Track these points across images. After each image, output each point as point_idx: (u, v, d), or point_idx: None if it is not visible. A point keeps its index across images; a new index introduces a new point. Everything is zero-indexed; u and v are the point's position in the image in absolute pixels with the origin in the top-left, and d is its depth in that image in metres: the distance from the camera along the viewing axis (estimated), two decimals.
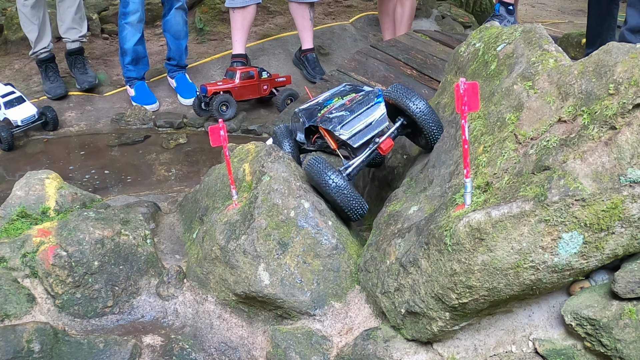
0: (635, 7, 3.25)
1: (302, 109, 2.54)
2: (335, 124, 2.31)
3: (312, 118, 2.45)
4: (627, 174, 1.63)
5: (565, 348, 1.82)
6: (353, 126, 2.29)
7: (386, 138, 2.32)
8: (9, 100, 4.15)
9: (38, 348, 2.02)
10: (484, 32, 2.30)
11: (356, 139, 2.30)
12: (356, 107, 2.33)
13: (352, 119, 2.30)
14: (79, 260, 2.23)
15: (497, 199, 1.78)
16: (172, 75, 4.76)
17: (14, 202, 2.43)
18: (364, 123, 2.30)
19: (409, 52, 4.31)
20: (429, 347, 1.98)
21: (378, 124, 2.31)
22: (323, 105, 2.47)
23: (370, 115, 2.30)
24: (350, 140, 2.29)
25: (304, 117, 2.49)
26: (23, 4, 4.43)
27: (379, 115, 2.30)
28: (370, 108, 2.32)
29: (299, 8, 4.78)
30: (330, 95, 2.53)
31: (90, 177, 3.67)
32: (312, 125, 2.44)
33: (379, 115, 2.30)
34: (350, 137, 2.29)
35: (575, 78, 1.83)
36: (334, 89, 2.61)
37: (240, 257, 2.18)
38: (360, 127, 2.29)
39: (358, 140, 2.30)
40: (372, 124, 2.29)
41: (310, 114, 2.48)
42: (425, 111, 2.27)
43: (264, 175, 2.34)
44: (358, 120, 2.30)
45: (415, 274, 1.89)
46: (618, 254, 1.70)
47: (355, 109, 2.33)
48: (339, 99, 2.44)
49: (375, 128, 2.30)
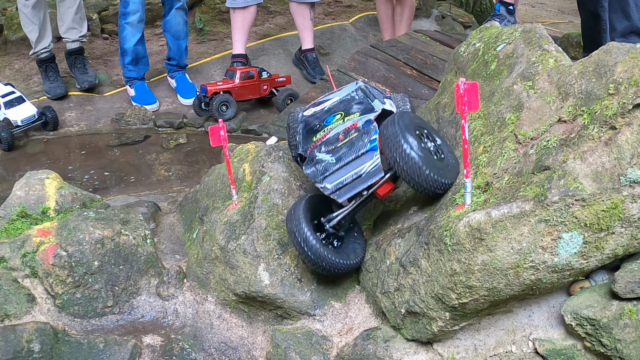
0: (617, 12, 3.28)
1: (305, 117, 2.25)
2: (317, 174, 1.96)
3: (307, 140, 2.15)
4: (627, 174, 1.63)
5: (565, 348, 1.82)
6: (338, 179, 1.93)
7: (384, 181, 1.92)
8: (9, 100, 4.15)
9: (38, 348, 2.02)
10: (484, 32, 2.30)
11: (341, 194, 1.92)
12: (344, 153, 1.95)
13: (338, 170, 1.94)
14: (79, 260, 2.23)
15: (497, 199, 1.78)
16: (172, 75, 4.76)
17: (14, 202, 2.43)
18: (352, 175, 1.92)
19: (409, 52, 4.30)
20: (429, 347, 1.98)
21: (369, 177, 1.90)
22: (323, 124, 2.16)
23: (360, 166, 1.90)
24: (335, 195, 1.93)
25: (301, 133, 2.20)
26: (24, 4, 4.43)
27: (371, 167, 1.89)
28: (360, 157, 1.92)
29: (299, 8, 4.78)
30: (337, 105, 2.22)
31: (90, 177, 3.66)
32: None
33: (371, 166, 1.89)
34: (334, 192, 1.93)
35: (575, 78, 1.83)
36: (345, 90, 2.29)
37: (240, 257, 2.18)
38: (348, 180, 1.92)
39: (344, 195, 1.93)
40: (362, 176, 1.90)
41: (308, 130, 2.19)
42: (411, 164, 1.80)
43: (264, 175, 2.34)
44: (345, 172, 1.93)
45: (415, 274, 1.89)
46: (618, 254, 1.70)
47: (343, 156, 1.94)
48: (340, 120, 2.12)
49: (366, 181, 1.90)
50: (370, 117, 2.06)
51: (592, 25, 3.45)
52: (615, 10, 3.29)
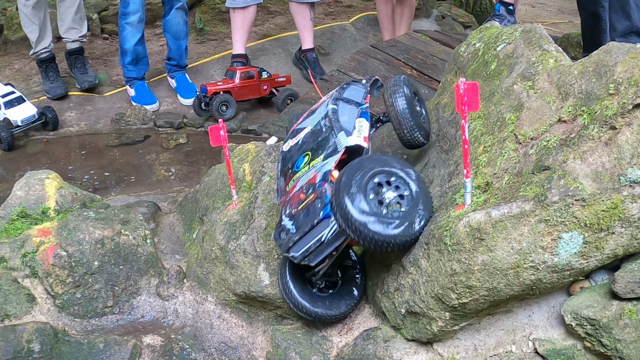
0: (617, 12, 3.28)
1: (283, 152, 2.19)
2: (284, 245, 1.93)
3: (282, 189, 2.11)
4: (627, 174, 1.63)
5: (565, 348, 1.82)
6: (303, 247, 1.89)
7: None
8: (9, 100, 4.15)
9: (38, 348, 2.02)
10: (484, 32, 2.30)
11: (311, 259, 1.90)
12: (303, 222, 1.90)
13: (300, 239, 1.90)
14: (79, 260, 2.23)
15: (497, 199, 1.78)
16: (172, 75, 4.76)
17: (14, 202, 2.43)
18: (315, 242, 1.88)
19: (409, 52, 4.30)
20: (429, 347, 1.98)
21: (332, 242, 1.87)
22: (294, 169, 2.07)
23: (320, 234, 1.87)
24: (305, 261, 1.91)
25: (279, 174, 2.14)
26: (24, 4, 4.43)
27: (330, 233, 1.85)
28: (316, 226, 1.87)
29: (300, 8, 4.78)
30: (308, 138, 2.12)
31: (90, 177, 3.66)
32: None
33: (330, 233, 1.85)
34: (303, 259, 1.90)
35: (575, 78, 1.83)
36: (320, 111, 2.19)
37: (240, 257, 2.18)
38: (312, 247, 1.88)
39: (314, 259, 1.90)
40: (324, 242, 1.87)
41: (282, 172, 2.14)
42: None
43: (264, 175, 2.34)
44: (307, 240, 1.89)
45: (415, 274, 1.89)
46: (618, 254, 1.70)
47: (302, 225, 1.89)
48: (306, 166, 2.03)
49: (331, 245, 1.87)
50: (330, 165, 1.94)
51: (592, 25, 3.45)
52: (616, 10, 3.29)
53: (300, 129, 2.21)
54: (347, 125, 2.05)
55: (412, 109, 2.11)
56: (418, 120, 2.13)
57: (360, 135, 2.02)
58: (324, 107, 2.19)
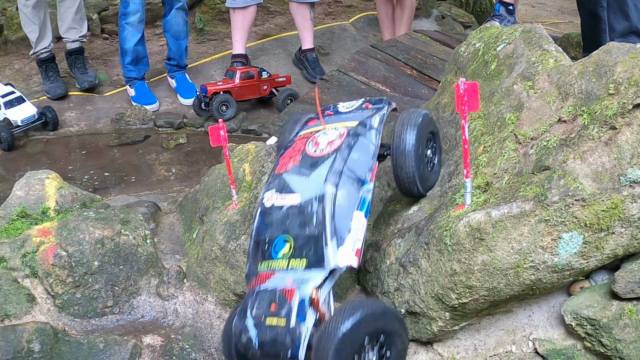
0: (616, 12, 3.28)
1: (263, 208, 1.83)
2: (243, 355, 1.71)
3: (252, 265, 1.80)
4: (627, 174, 1.63)
5: (565, 348, 1.82)
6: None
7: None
8: (9, 100, 4.15)
9: (38, 348, 2.01)
10: (484, 32, 2.30)
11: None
12: (267, 346, 1.65)
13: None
14: (79, 260, 2.23)
15: (497, 199, 1.78)
16: (172, 75, 4.76)
17: (14, 202, 2.43)
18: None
19: (409, 52, 4.31)
20: (429, 347, 1.98)
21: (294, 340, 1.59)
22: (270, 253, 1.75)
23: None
24: None
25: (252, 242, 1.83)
26: (24, 4, 4.44)
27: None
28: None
29: (300, 8, 4.78)
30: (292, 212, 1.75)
31: (90, 177, 3.66)
32: None
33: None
34: None
35: (575, 78, 1.83)
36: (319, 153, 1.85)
37: (240, 257, 2.18)
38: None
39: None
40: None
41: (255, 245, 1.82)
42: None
43: (264, 175, 2.34)
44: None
45: (415, 274, 1.89)
46: (618, 254, 1.70)
47: (267, 349, 1.65)
48: (284, 261, 1.72)
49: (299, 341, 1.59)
50: (310, 286, 1.63)
51: (592, 25, 3.45)
52: (614, 10, 3.29)
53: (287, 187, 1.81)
54: (342, 225, 1.71)
55: (419, 152, 1.90)
56: (423, 169, 1.93)
57: (354, 247, 1.70)
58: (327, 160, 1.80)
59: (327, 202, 1.72)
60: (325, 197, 1.72)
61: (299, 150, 1.92)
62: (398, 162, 1.90)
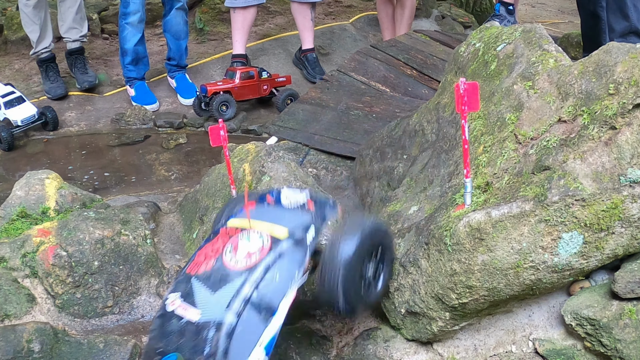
0: (615, 13, 3.28)
1: (164, 311, 1.65)
2: None
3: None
4: (627, 174, 1.63)
5: (565, 348, 1.82)
6: None
7: None
8: (9, 100, 4.15)
9: (38, 348, 2.01)
10: (484, 32, 2.30)
11: None
12: None
13: None
14: (79, 260, 2.23)
15: (497, 199, 1.78)
16: (172, 75, 4.76)
17: (14, 202, 2.43)
18: None
19: (409, 52, 4.30)
20: (429, 347, 1.98)
21: None
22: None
23: None
24: None
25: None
26: (25, 4, 4.44)
27: None
28: None
29: (301, 8, 4.78)
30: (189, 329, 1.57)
31: (90, 177, 3.67)
32: None
33: None
34: None
35: (575, 78, 1.83)
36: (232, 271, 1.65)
37: None
38: None
39: None
40: None
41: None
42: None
43: (264, 175, 2.34)
44: None
45: (415, 274, 1.89)
46: (618, 254, 1.70)
47: None
48: None
49: None
50: None
51: (592, 25, 3.45)
52: (614, 11, 3.30)
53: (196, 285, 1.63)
54: None
55: (353, 268, 1.66)
56: (352, 288, 1.68)
57: None
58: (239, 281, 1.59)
59: (223, 334, 1.53)
60: (223, 327, 1.54)
61: (216, 251, 1.73)
62: (322, 271, 1.66)
